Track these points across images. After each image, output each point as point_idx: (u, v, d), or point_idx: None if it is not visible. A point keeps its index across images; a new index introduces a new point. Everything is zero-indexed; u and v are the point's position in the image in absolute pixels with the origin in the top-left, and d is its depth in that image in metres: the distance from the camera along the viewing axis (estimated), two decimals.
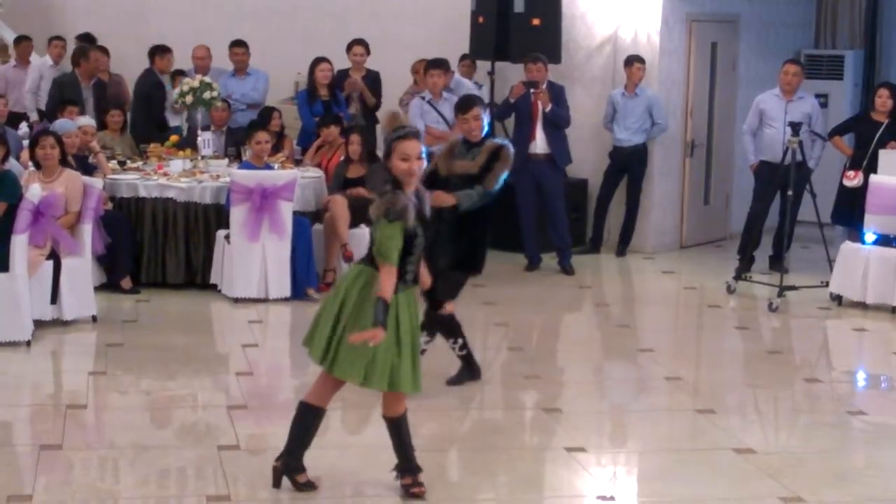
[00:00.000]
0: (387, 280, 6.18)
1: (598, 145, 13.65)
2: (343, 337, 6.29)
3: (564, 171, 12.91)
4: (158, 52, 13.94)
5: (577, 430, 7.88)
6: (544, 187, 12.49)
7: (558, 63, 13.11)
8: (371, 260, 6.32)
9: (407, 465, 6.65)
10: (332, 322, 6.35)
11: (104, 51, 14.07)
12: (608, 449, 7.73)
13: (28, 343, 9.33)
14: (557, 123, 12.49)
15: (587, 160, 13.56)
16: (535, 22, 13.31)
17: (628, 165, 13.46)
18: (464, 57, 13.55)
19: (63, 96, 13.13)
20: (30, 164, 10.51)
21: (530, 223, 12.67)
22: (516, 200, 12.55)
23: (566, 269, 12.54)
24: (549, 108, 12.36)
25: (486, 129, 8.31)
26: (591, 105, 13.55)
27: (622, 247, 13.66)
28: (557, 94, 12.53)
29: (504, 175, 8.19)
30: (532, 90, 12.34)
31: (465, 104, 8.41)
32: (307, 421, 6.61)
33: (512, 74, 13.68)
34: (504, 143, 8.36)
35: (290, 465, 6.62)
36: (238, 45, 13.95)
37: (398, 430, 6.62)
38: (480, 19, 13.62)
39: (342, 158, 11.68)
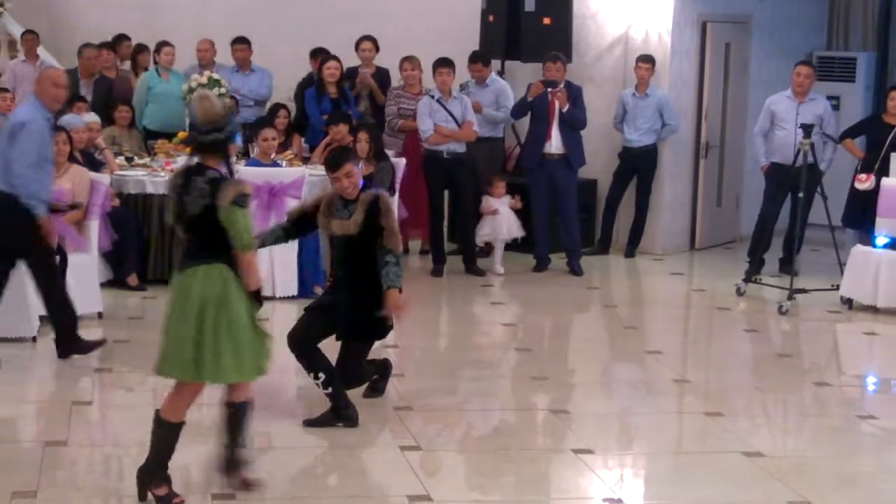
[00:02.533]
0: (253, 270, 6.21)
1: (608, 146, 13.60)
2: (218, 344, 6.19)
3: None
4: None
5: (585, 432, 7.83)
6: (558, 188, 12.43)
7: (569, 62, 13.06)
8: (208, 256, 6.19)
9: (237, 460, 6.51)
10: (194, 334, 6.19)
11: (113, 49, 14.02)
12: (615, 451, 7.66)
13: (34, 339, 9.31)
14: (573, 124, 12.44)
15: (597, 160, 13.50)
16: (546, 21, 13.30)
17: (638, 166, 13.41)
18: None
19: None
20: None
21: (543, 223, 12.61)
22: (529, 200, 12.51)
23: (575, 270, 12.48)
24: (566, 108, 12.31)
25: (360, 184, 7.60)
26: (601, 105, 13.49)
27: (631, 248, 13.61)
28: (575, 94, 12.48)
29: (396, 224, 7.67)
30: (550, 89, 12.29)
31: (335, 161, 7.55)
32: (169, 436, 6.43)
33: (522, 74, 13.65)
34: (378, 191, 7.69)
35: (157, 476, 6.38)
36: (240, 42, 13.94)
37: (242, 416, 6.53)
38: (491, 18, 13.61)
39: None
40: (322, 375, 7.56)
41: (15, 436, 7.63)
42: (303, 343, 7.58)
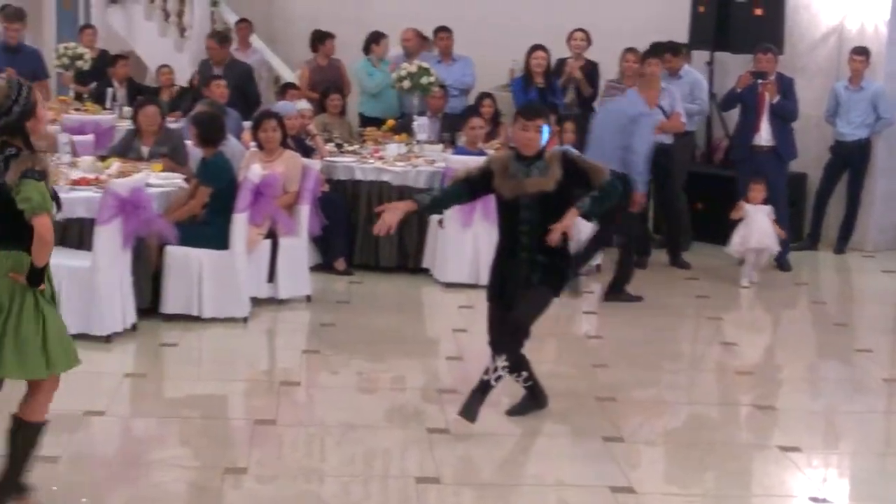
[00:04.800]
0: (46, 240, 5.57)
1: (819, 139, 13.32)
2: (8, 336, 5.65)
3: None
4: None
5: (791, 429, 7.69)
6: (766, 181, 12.18)
7: (780, 54, 12.82)
8: (6, 242, 5.64)
9: (15, 484, 5.90)
10: None
11: (330, 36, 14.24)
12: (821, 449, 7.51)
13: (245, 320, 9.53)
14: (784, 116, 12.22)
15: (807, 154, 13.20)
16: (758, 12, 13.09)
17: (850, 160, 13.12)
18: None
19: (201, 76, 13.63)
20: (251, 144, 10.75)
21: None
22: (737, 193, 12.31)
23: (782, 266, 12.26)
24: (776, 99, 12.10)
25: (543, 143, 7.41)
26: (812, 97, 13.19)
27: (841, 244, 13.32)
28: (787, 86, 12.25)
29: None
30: (760, 80, 12.11)
31: (533, 111, 7.49)
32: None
33: (732, 65, 13.46)
34: (562, 147, 7.72)
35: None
36: (442, 30, 14.02)
37: (28, 436, 5.87)
38: (701, 8, 13.47)
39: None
40: (524, 374, 7.52)
41: (226, 413, 7.84)
42: None
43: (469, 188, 7.53)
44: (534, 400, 7.63)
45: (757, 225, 11.49)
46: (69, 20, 18.37)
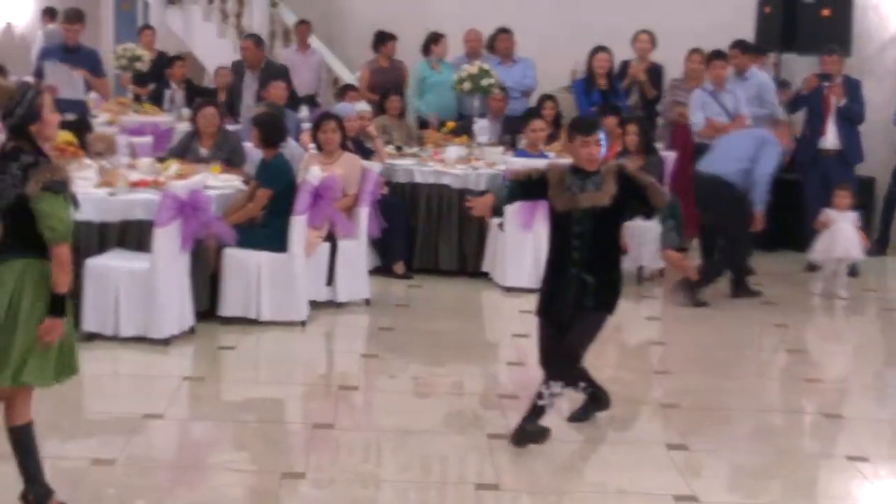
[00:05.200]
0: (66, 266, 5.48)
1: (888, 142, 13.16)
2: (26, 343, 5.53)
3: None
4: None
5: (859, 438, 7.53)
6: (832, 185, 12.00)
7: (848, 56, 12.65)
8: (27, 250, 5.53)
9: (39, 492, 5.80)
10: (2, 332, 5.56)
11: (392, 38, 14.14)
12: (889, 459, 7.33)
13: (303, 323, 9.47)
14: (851, 119, 12.05)
15: (875, 157, 13.04)
16: (825, 13, 12.92)
17: None
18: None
19: (235, 77, 13.75)
20: (310, 145, 10.70)
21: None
22: (803, 197, 12.16)
23: (851, 271, 12.05)
24: (842, 102, 11.93)
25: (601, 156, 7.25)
26: (881, 100, 13.01)
27: None
28: (853, 88, 12.11)
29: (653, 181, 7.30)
30: (826, 83, 11.94)
31: (591, 126, 7.19)
32: (27, 442, 5.81)
33: (798, 67, 13.29)
34: (619, 161, 7.57)
35: (40, 495, 5.80)
36: (503, 32, 13.92)
37: (25, 441, 5.76)
38: (767, 10, 13.33)
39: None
40: (581, 384, 7.38)
41: (283, 417, 7.77)
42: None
43: (526, 190, 7.42)
44: (595, 403, 7.51)
45: (843, 234, 11.14)
46: (127, 21, 18.47)
